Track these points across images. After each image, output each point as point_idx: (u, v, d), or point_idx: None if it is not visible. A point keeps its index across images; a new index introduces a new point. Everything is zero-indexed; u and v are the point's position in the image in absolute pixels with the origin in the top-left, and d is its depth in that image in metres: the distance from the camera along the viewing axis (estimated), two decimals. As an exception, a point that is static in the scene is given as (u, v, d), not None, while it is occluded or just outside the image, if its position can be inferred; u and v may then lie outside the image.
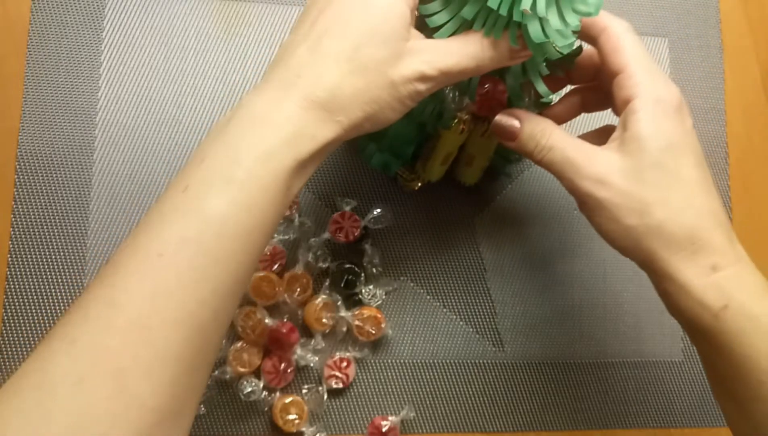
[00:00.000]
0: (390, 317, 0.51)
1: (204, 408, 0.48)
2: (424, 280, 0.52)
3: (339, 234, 0.50)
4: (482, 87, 0.42)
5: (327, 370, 0.49)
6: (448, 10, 0.39)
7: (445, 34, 0.39)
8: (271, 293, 0.48)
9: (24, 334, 0.47)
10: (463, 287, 0.53)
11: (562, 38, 0.37)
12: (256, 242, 0.31)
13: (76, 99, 0.50)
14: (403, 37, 0.34)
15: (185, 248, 0.29)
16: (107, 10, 0.51)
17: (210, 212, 0.30)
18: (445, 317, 0.52)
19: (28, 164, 0.49)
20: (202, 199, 0.30)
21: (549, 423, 0.52)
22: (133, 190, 0.50)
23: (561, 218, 0.54)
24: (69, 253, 0.48)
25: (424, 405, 0.51)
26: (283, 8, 0.53)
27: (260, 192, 0.31)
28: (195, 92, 0.51)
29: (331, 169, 0.52)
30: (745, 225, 0.57)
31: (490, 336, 0.52)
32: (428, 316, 0.52)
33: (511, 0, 0.35)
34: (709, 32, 0.59)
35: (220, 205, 0.30)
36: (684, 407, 0.54)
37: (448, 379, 0.51)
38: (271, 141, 0.31)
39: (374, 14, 0.33)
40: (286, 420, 0.48)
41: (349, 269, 0.50)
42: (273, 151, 0.31)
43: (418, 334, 0.52)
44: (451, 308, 0.52)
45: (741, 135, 0.58)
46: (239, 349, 0.48)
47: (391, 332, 0.51)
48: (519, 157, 0.54)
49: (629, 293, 0.55)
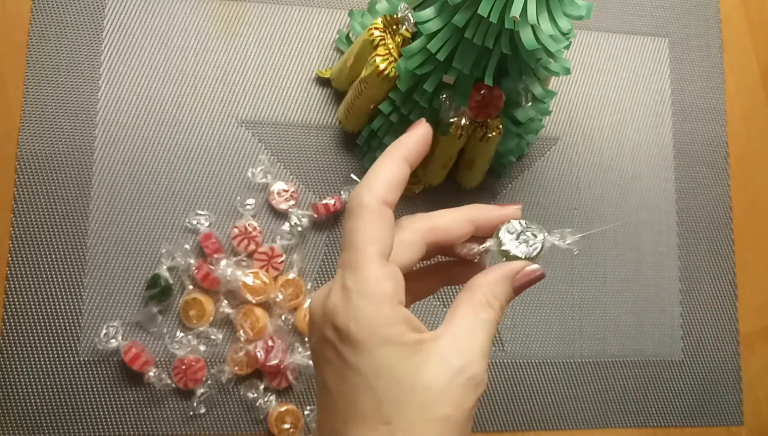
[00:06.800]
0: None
1: (204, 408, 0.48)
2: (423, 280, 0.52)
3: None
4: (478, 93, 0.42)
5: None
6: (440, 17, 0.39)
7: (439, 41, 0.39)
8: (262, 288, 0.48)
9: (24, 334, 0.47)
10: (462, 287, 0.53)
11: (555, 43, 0.37)
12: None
13: (76, 99, 0.50)
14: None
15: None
16: (107, 10, 0.51)
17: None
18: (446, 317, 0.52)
19: (28, 164, 0.49)
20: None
21: (549, 422, 0.52)
22: (133, 189, 0.50)
23: (561, 217, 0.54)
24: (69, 252, 0.48)
25: (424, 405, 0.51)
26: (283, 8, 0.53)
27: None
28: (195, 92, 0.51)
29: (332, 174, 0.52)
30: (745, 225, 0.57)
31: (490, 336, 0.52)
32: (429, 316, 0.52)
33: (502, 7, 0.35)
34: (709, 32, 0.59)
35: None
36: (684, 406, 0.54)
37: (447, 379, 0.51)
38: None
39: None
40: (281, 429, 0.48)
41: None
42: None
43: (418, 334, 0.52)
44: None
45: (741, 135, 0.58)
46: (237, 349, 0.48)
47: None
48: (519, 157, 0.54)
49: (629, 293, 0.55)
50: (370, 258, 0.31)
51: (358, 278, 0.30)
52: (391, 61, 0.43)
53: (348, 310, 0.30)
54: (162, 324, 0.48)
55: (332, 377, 0.31)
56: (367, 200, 0.32)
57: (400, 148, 0.34)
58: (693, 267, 0.56)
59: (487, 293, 0.33)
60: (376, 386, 0.30)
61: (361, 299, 0.30)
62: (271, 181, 0.51)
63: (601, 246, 0.55)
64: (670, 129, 0.57)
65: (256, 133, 0.52)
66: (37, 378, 0.47)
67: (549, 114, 0.50)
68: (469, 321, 0.32)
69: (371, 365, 0.30)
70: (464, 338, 0.31)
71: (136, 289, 0.49)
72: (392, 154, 0.34)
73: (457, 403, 0.30)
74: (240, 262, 0.48)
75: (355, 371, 0.30)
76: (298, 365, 0.48)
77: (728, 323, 0.56)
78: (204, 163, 0.51)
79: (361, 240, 0.31)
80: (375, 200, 0.32)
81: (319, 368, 0.32)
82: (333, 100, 0.53)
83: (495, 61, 0.39)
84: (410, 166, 0.34)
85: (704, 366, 0.55)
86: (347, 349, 0.30)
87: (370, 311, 0.30)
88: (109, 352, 0.48)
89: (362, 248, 0.31)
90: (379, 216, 0.32)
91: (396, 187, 0.33)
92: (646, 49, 0.58)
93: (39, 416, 0.47)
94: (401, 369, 0.30)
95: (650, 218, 0.56)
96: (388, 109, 0.46)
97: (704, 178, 0.57)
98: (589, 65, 0.57)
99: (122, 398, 0.48)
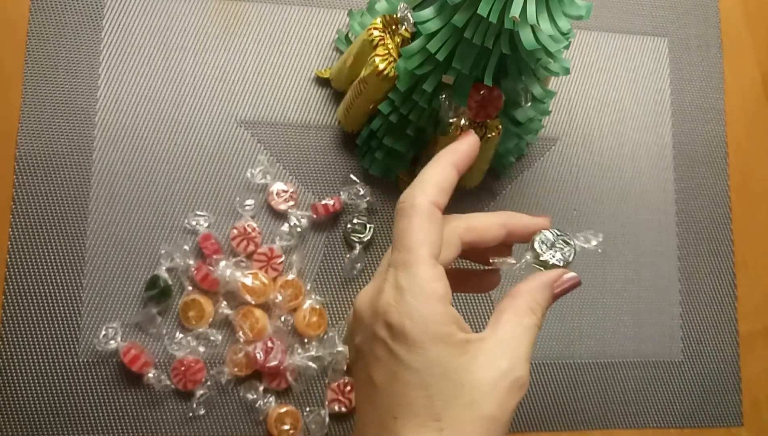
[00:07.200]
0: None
1: (203, 409, 0.48)
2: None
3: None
4: (477, 93, 0.42)
5: (330, 394, 0.49)
6: (440, 17, 0.39)
7: (438, 41, 0.39)
8: (262, 289, 0.48)
9: (23, 335, 0.47)
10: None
11: (554, 43, 0.37)
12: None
13: (75, 99, 0.50)
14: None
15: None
16: (106, 10, 0.51)
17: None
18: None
19: (27, 164, 0.49)
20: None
21: (549, 423, 0.52)
22: (132, 189, 0.50)
23: (561, 217, 0.54)
24: (68, 253, 0.48)
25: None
26: (282, 8, 0.53)
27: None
28: (194, 92, 0.51)
29: (332, 174, 0.52)
30: (745, 225, 0.57)
31: (490, 336, 0.52)
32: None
33: (501, 7, 0.35)
34: (709, 32, 0.59)
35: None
36: (683, 407, 0.54)
37: (447, 379, 0.51)
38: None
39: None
40: (281, 430, 0.48)
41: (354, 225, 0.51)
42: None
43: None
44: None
45: (741, 135, 0.58)
46: (236, 351, 0.48)
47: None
48: (519, 157, 0.54)
49: (629, 293, 0.55)
50: (423, 259, 0.32)
51: (411, 278, 0.31)
52: (390, 61, 0.43)
53: (402, 308, 0.31)
54: (161, 325, 0.48)
55: (382, 374, 0.31)
56: (420, 202, 0.33)
57: (451, 155, 0.36)
58: (693, 267, 0.56)
59: (529, 300, 0.34)
60: (428, 383, 0.30)
61: (415, 297, 0.31)
62: (271, 181, 0.50)
63: (600, 246, 0.55)
64: (669, 129, 0.57)
65: (255, 133, 0.51)
66: (36, 379, 0.47)
67: (548, 114, 0.50)
68: (514, 326, 0.33)
69: (424, 361, 0.30)
70: (509, 342, 0.32)
71: (135, 290, 0.49)
72: (443, 159, 0.35)
73: (502, 403, 0.31)
74: (239, 263, 0.48)
75: (407, 368, 0.30)
76: (297, 366, 0.48)
77: (728, 324, 0.56)
78: (203, 164, 0.51)
79: (414, 241, 0.32)
80: (427, 202, 0.33)
81: (365, 365, 0.32)
82: (332, 101, 0.53)
83: (494, 61, 0.39)
84: (458, 172, 0.35)
85: (704, 367, 0.55)
86: (400, 346, 0.31)
87: (424, 309, 0.31)
88: (108, 353, 0.48)
89: (415, 249, 0.32)
90: (430, 218, 0.33)
91: (446, 191, 0.34)
92: (646, 49, 0.57)
93: (38, 418, 0.47)
94: (452, 367, 0.31)
95: (650, 218, 0.56)
96: (388, 109, 0.46)
97: (704, 178, 0.57)
98: (589, 65, 0.57)
99: (121, 399, 0.48)
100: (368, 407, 0.32)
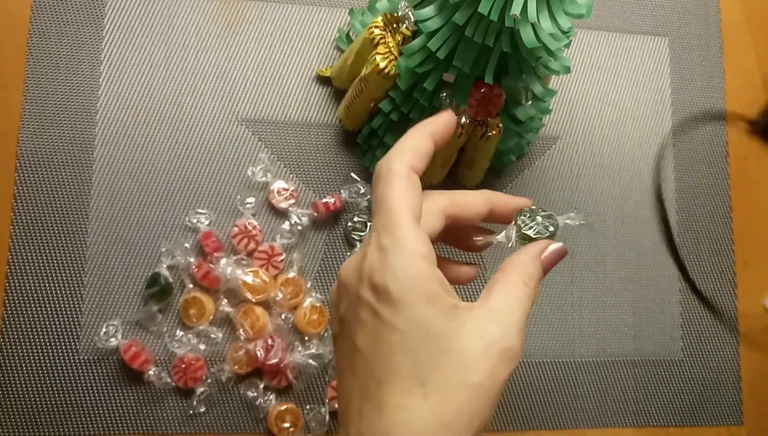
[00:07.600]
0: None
1: (203, 407, 0.48)
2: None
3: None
4: (478, 91, 0.42)
5: (330, 391, 0.49)
6: (441, 15, 0.39)
7: (439, 40, 0.39)
8: (262, 287, 0.48)
9: (24, 332, 0.47)
10: (462, 287, 0.53)
11: (555, 42, 0.37)
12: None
13: (76, 97, 0.50)
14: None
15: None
16: (108, 9, 0.51)
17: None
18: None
19: (28, 162, 0.49)
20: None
21: (548, 422, 0.52)
22: (133, 188, 0.50)
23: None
24: (69, 251, 0.48)
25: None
26: (283, 6, 0.53)
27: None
28: (195, 91, 0.51)
29: (332, 172, 0.52)
30: (745, 225, 0.57)
31: (490, 335, 0.52)
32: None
33: (502, 5, 0.35)
34: (709, 32, 0.59)
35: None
36: (684, 406, 0.54)
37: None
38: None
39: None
40: (281, 428, 0.48)
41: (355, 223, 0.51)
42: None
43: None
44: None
45: (741, 135, 0.58)
46: (237, 348, 0.48)
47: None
48: (519, 156, 0.54)
49: (629, 293, 0.55)
50: (405, 219, 0.31)
51: (394, 238, 0.31)
52: (391, 59, 0.43)
53: (386, 267, 0.30)
54: (162, 323, 0.48)
55: (366, 338, 0.31)
56: (397, 166, 0.33)
57: (427, 125, 0.36)
58: (693, 267, 0.56)
59: (521, 272, 0.33)
60: (414, 346, 0.30)
61: (399, 256, 0.30)
62: (271, 179, 0.51)
63: (601, 245, 0.55)
64: (670, 129, 0.57)
65: (256, 131, 0.52)
66: (37, 377, 0.47)
67: (549, 113, 0.50)
68: (507, 297, 0.32)
69: (409, 322, 0.30)
70: (501, 311, 0.31)
71: (136, 287, 0.49)
72: (419, 128, 0.35)
73: (491, 372, 0.30)
74: (240, 260, 0.48)
75: (393, 330, 0.30)
76: (298, 364, 0.48)
77: (728, 323, 0.56)
78: (204, 162, 0.51)
79: (394, 203, 0.32)
80: (404, 167, 0.33)
81: (350, 334, 0.32)
82: (333, 99, 0.53)
83: (495, 59, 0.40)
84: (435, 143, 0.35)
85: (704, 366, 0.55)
86: (385, 307, 0.30)
87: (408, 268, 0.30)
88: (108, 350, 0.48)
89: (396, 211, 0.32)
90: (409, 181, 0.33)
91: (423, 157, 0.34)
92: (646, 48, 0.58)
93: (39, 415, 0.47)
94: (438, 329, 0.30)
95: (650, 217, 0.56)
96: (389, 107, 0.46)
97: (704, 178, 0.57)
98: (590, 64, 0.57)
99: (122, 396, 0.48)
100: (351, 378, 0.31)
